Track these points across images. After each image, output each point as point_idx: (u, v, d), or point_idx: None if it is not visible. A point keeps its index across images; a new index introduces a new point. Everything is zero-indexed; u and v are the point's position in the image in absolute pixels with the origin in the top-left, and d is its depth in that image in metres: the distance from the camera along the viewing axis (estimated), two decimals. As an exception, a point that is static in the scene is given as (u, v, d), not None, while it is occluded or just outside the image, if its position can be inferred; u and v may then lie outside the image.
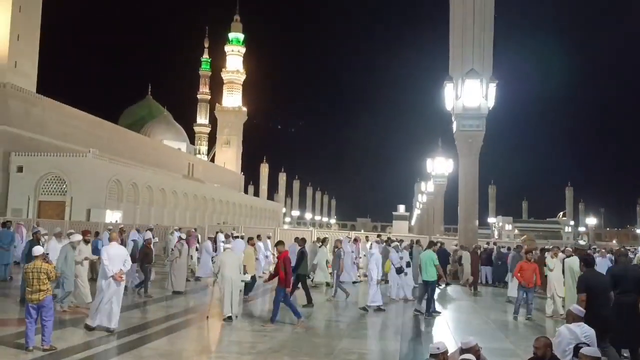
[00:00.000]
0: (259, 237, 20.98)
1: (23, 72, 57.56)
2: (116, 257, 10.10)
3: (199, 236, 24.11)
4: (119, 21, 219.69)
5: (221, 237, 22.11)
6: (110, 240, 10.75)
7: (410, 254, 17.51)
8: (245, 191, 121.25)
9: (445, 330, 12.31)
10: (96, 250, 14.34)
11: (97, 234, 19.78)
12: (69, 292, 11.76)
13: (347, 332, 11.20)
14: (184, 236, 18.33)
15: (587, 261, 8.82)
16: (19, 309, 11.72)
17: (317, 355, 9.07)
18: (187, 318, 12.19)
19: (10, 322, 10.27)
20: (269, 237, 23.91)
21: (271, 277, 12.36)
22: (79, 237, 12.20)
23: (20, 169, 50.73)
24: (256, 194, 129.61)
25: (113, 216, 49.25)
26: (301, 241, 15.88)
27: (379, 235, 24.02)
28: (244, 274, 14.06)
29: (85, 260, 12.48)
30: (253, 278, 14.95)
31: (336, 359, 8.83)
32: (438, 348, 5.64)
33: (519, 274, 13.69)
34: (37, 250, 8.87)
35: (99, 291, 10.12)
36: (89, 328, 9.98)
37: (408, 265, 16.30)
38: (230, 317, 11.53)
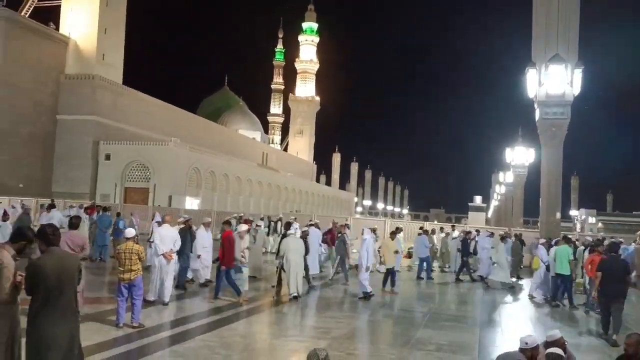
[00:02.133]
0: (398, 230, 20.51)
1: (110, 65, 60.62)
2: (167, 238, 10.91)
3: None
4: (198, 14, 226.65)
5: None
6: (163, 222, 11.53)
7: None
8: (317, 180, 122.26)
9: (526, 323, 11.95)
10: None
11: (118, 214, 20.67)
12: (244, 280, 12.17)
13: (425, 322, 11.07)
14: (259, 223, 18.71)
15: (611, 249, 11.54)
16: (108, 287, 12.44)
17: (393, 343, 9.04)
18: (263, 302, 12.43)
19: (102, 300, 10.89)
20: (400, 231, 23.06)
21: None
22: (245, 227, 12.67)
23: (108, 157, 53.65)
24: (328, 183, 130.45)
25: (192, 203, 51.14)
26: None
27: (453, 226, 23.58)
28: (381, 264, 14.22)
29: (247, 250, 12.85)
30: (391, 271, 14.69)
31: (413, 349, 8.73)
32: (527, 343, 5.35)
33: (589, 267, 13.16)
34: (130, 232, 9.32)
35: (152, 268, 11.01)
36: (148, 302, 10.49)
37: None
38: (295, 297, 12.10)
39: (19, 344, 5.07)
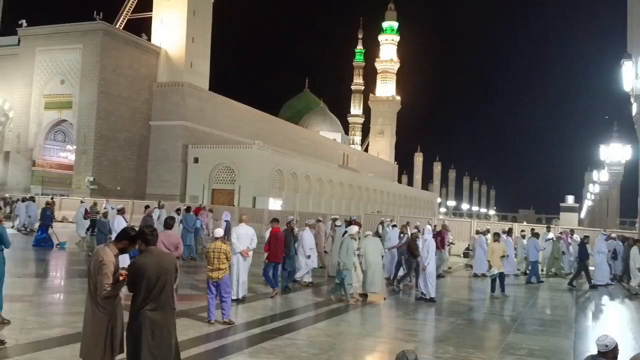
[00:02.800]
0: (509, 231, 19.62)
1: (198, 72, 63.29)
2: (244, 236, 11.28)
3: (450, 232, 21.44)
4: (278, 19, 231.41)
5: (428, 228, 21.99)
6: (240, 222, 11.81)
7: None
8: (399, 181, 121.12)
9: (625, 328, 11.25)
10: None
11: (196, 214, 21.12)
12: (350, 284, 12.10)
13: (515, 327, 10.69)
14: (338, 223, 18.75)
15: None
16: (196, 285, 12.96)
17: (483, 348, 8.79)
18: (346, 302, 12.46)
19: (191, 297, 11.36)
20: (508, 233, 20.78)
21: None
22: (356, 228, 12.78)
23: (196, 160, 55.98)
24: (410, 183, 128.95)
25: (275, 204, 52.25)
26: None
27: (548, 228, 22.55)
28: (489, 269, 14.08)
29: (358, 251, 12.85)
30: (502, 275, 14.26)
31: (504, 354, 8.45)
32: (606, 345, 5.00)
33: None
34: (218, 232, 9.69)
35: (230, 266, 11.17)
36: (234, 299, 10.72)
37: None
38: (374, 293, 12.18)
39: (119, 338, 5.38)
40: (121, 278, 5.26)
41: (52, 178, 55.75)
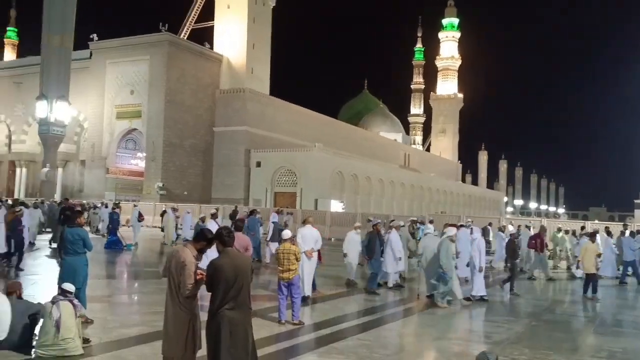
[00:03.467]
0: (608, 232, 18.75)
1: (258, 77, 64.47)
2: (308, 237, 11.45)
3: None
4: (336, 21, 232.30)
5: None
6: (304, 223, 12.02)
7: None
8: (463, 180, 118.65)
9: None
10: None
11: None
12: (450, 287, 11.86)
13: (594, 328, 10.23)
14: (402, 222, 18.46)
15: None
16: (264, 286, 13.16)
17: (560, 350, 8.44)
18: (414, 304, 12.30)
19: (261, 298, 11.54)
20: (607, 233, 19.24)
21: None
22: (454, 230, 12.56)
23: (258, 164, 56.96)
24: (474, 182, 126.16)
25: (337, 205, 52.35)
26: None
27: (625, 226, 21.42)
28: (577, 269, 13.64)
29: (455, 256, 12.50)
30: (592, 276, 13.59)
31: (584, 356, 8.10)
32: None
33: None
34: (286, 234, 9.81)
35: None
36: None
37: None
38: (429, 297, 12.06)
39: (199, 335, 5.56)
40: (198, 277, 5.43)
41: (124, 184, 58.27)
